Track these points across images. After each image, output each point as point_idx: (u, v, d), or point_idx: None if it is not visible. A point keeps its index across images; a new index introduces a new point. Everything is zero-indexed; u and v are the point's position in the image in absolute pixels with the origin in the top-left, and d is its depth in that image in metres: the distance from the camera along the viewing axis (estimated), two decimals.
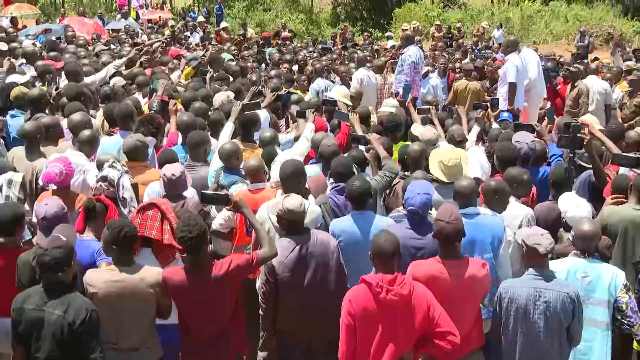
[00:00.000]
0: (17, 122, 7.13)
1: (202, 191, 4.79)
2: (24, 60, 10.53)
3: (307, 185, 5.21)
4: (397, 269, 3.93)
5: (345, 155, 5.93)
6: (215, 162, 5.86)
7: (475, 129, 7.22)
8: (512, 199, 5.18)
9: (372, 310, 3.83)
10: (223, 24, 20.78)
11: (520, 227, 4.96)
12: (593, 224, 4.52)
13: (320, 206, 5.11)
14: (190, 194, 5.27)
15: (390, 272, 3.86)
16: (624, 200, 5.24)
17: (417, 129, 6.71)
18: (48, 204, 4.55)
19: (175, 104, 7.00)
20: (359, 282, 3.96)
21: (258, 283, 4.92)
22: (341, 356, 3.90)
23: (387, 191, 5.67)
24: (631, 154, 5.69)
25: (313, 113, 7.15)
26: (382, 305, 3.81)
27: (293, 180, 4.98)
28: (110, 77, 9.13)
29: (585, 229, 4.44)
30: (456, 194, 4.82)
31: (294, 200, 4.42)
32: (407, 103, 8.21)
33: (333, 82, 10.67)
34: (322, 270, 4.40)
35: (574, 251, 4.50)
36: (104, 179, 4.92)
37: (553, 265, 4.35)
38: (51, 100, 7.59)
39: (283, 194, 4.92)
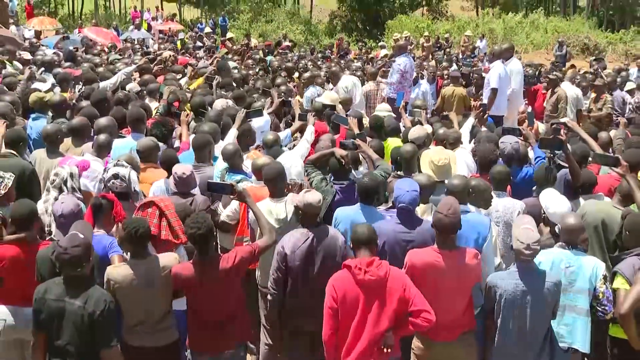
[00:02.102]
0: (38, 124, 7.14)
1: (209, 181, 4.80)
2: (43, 69, 10.54)
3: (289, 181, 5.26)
4: (377, 255, 3.97)
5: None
6: (220, 163, 5.86)
7: (470, 119, 7.26)
8: (504, 194, 5.28)
9: (353, 292, 3.86)
10: (229, 35, 20.85)
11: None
12: (578, 219, 4.52)
13: None
14: (195, 191, 5.28)
15: (368, 257, 3.90)
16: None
17: (413, 132, 6.68)
18: (64, 202, 4.52)
19: (188, 114, 6.95)
20: None
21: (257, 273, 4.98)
22: (324, 337, 3.93)
23: None
24: (610, 154, 5.70)
25: (314, 117, 7.17)
26: (361, 286, 3.84)
27: (277, 181, 5.00)
28: (121, 84, 9.09)
29: (571, 222, 4.44)
30: (448, 192, 4.81)
31: (314, 196, 4.45)
32: (399, 109, 8.25)
33: (331, 89, 10.66)
34: (329, 262, 4.39)
35: (560, 242, 4.50)
36: (115, 176, 4.91)
37: (540, 255, 4.34)
38: (73, 105, 7.62)
39: (270, 195, 4.97)
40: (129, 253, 4.20)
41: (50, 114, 7.43)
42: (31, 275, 4.23)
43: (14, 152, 5.74)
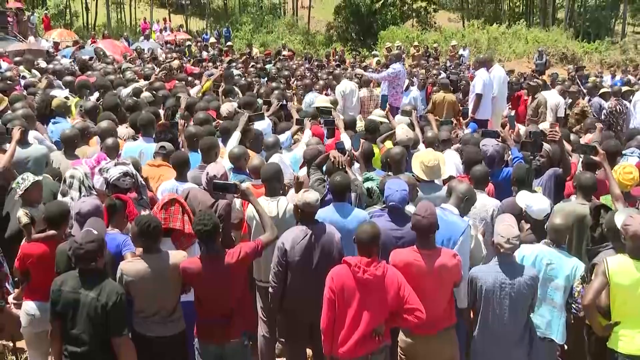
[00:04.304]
0: (58, 127, 7.13)
1: (214, 181, 4.79)
2: (54, 77, 10.54)
3: (285, 182, 5.25)
4: (377, 255, 3.96)
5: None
6: (225, 164, 5.85)
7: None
8: (483, 192, 5.28)
9: (350, 287, 3.87)
10: (229, 44, 21.04)
11: (492, 216, 5.03)
12: (565, 219, 4.51)
13: None
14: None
15: (368, 256, 3.90)
16: None
17: (398, 135, 6.67)
18: (85, 202, 4.52)
19: (184, 123, 6.95)
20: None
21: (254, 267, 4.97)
22: (322, 325, 3.96)
23: None
24: (587, 144, 5.80)
25: (310, 121, 7.20)
26: (359, 283, 3.86)
27: (273, 180, 5.00)
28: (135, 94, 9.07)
29: (558, 222, 4.44)
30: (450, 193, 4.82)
31: (312, 195, 4.45)
32: (386, 112, 8.29)
33: (328, 94, 10.69)
34: (326, 258, 4.39)
35: (545, 240, 4.49)
36: (125, 174, 4.90)
37: (524, 248, 4.38)
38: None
39: (266, 193, 4.98)
40: (140, 250, 4.19)
41: (68, 118, 7.47)
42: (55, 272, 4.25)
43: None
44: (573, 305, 4.34)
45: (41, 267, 4.35)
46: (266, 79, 13.15)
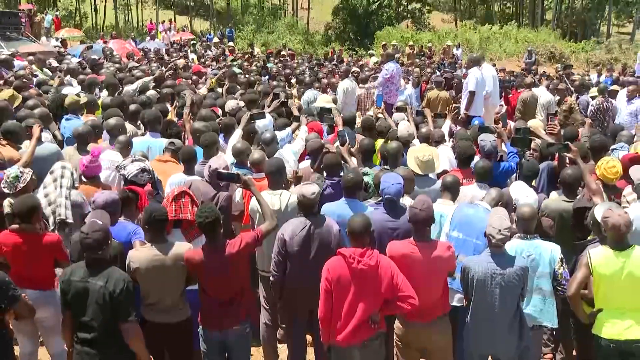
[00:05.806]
0: (71, 124, 7.09)
1: (218, 170, 4.78)
2: (69, 76, 10.48)
3: (288, 178, 5.25)
4: (371, 245, 3.96)
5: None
6: (228, 158, 5.83)
7: (447, 122, 7.41)
8: (486, 186, 5.25)
9: (345, 277, 3.87)
10: (230, 44, 21.07)
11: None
12: (531, 208, 4.50)
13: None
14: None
15: (361, 247, 3.89)
16: None
17: (400, 131, 6.65)
18: (103, 193, 4.51)
19: (189, 113, 6.92)
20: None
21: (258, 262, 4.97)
22: (320, 315, 3.95)
23: None
24: (560, 142, 5.92)
25: (306, 118, 7.20)
26: (353, 273, 3.85)
27: (276, 174, 4.99)
28: (142, 90, 9.03)
29: (525, 211, 4.43)
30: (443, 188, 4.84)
31: (309, 188, 4.43)
32: (381, 109, 8.31)
33: (327, 92, 10.66)
34: (324, 248, 4.38)
35: (517, 234, 4.47)
36: (143, 170, 4.89)
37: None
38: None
39: (269, 186, 4.96)
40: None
41: (80, 115, 7.44)
42: (31, 262, 4.27)
43: None
44: (558, 287, 4.35)
45: (16, 256, 4.30)
46: (267, 77, 13.09)
